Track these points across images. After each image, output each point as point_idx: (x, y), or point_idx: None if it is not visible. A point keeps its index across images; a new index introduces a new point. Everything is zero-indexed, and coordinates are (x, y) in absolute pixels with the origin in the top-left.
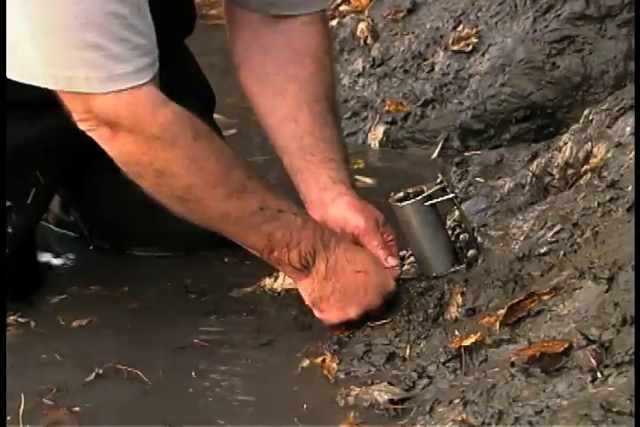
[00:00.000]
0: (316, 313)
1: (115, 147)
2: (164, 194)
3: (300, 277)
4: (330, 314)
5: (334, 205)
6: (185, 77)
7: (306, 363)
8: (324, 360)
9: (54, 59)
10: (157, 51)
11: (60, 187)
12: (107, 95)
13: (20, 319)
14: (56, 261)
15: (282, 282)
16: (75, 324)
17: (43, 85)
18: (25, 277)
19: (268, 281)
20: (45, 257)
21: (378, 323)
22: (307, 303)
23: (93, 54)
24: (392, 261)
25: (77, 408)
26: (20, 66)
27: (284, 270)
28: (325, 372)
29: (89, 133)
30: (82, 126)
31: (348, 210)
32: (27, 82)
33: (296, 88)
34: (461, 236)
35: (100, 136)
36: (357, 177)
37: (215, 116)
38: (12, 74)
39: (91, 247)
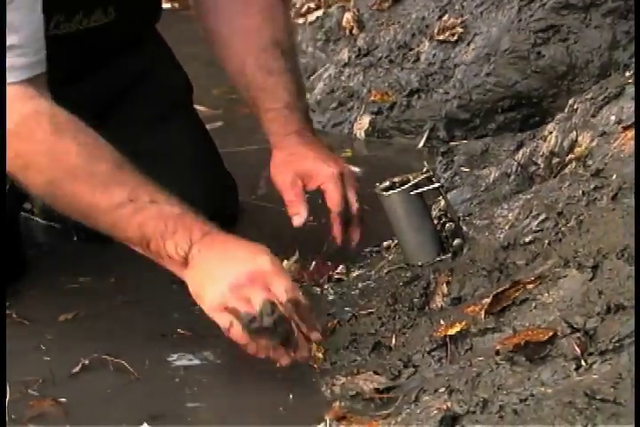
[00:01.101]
0: (201, 306)
1: None
2: (32, 187)
3: (181, 269)
4: (206, 304)
5: (282, 159)
6: (155, 65)
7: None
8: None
9: None
10: (42, 51)
11: None
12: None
13: (6, 310)
14: (41, 253)
15: None
16: (61, 318)
17: None
18: (10, 268)
19: None
20: (30, 249)
21: (363, 312)
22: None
23: None
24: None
25: (63, 399)
26: None
27: (166, 265)
28: (311, 362)
29: None
30: None
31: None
32: None
33: (241, 39)
34: (447, 225)
35: None
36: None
37: (200, 108)
38: None
39: (75, 238)
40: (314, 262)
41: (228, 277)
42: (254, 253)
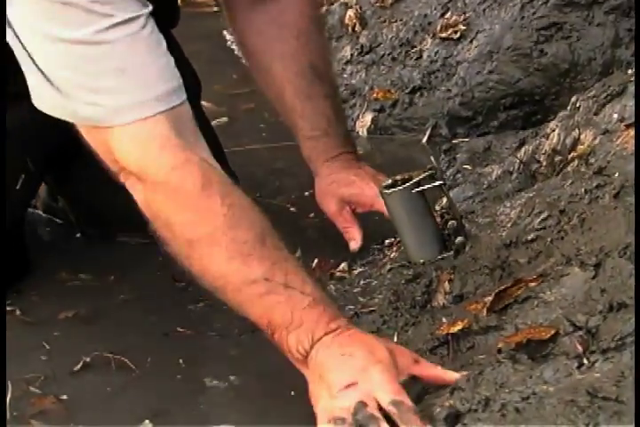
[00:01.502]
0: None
1: (134, 194)
2: (168, 242)
3: (302, 366)
4: (319, 408)
5: (325, 188)
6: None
7: None
8: None
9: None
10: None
11: (47, 173)
12: (123, 138)
13: (7, 307)
14: (42, 250)
15: None
16: (63, 315)
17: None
18: (15, 269)
19: None
20: (32, 243)
21: (365, 310)
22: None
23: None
24: None
25: (65, 396)
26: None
27: (289, 357)
28: None
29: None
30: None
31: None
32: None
33: (280, 66)
34: (449, 223)
35: (125, 183)
36: None
37: (204, 103)
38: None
39: (78, 235)
40: (316, 260)
41: (337, 386)
42: (372, 353)
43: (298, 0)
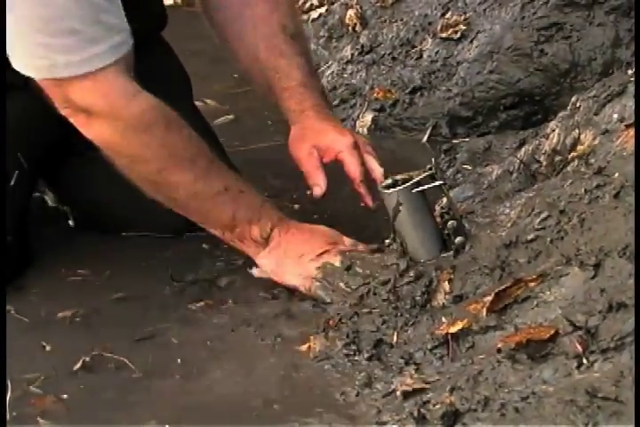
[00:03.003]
0: (277, 279)
1: (91, 132)
2: (136, 176)
3: (258, 250)
4: (287, 277)
5: (298, 134)
6: (162, 66)
7: (293, 349)
8: (309, 347)
9: (34, 50)
10: (129, 29)
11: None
12: (84, 84)
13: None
14: (42, 245)
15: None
16: (60, 314)
17: (28, 75)
18: (15, 259)
19: (255, 269)
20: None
21: (365, 310)
22: (269, 275)
23: (72, 39)
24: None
25: (65, 396)
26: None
27: (243, 246)
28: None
29: (69, 119)
30: (62, 112)
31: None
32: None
33: (251, 29)
34: (449, 223)
35: (77, 122)
36: None
37: (207, 101)
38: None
39: (71, 223)
40: None
41: (309, 255)
42: (320, 232)
43: None
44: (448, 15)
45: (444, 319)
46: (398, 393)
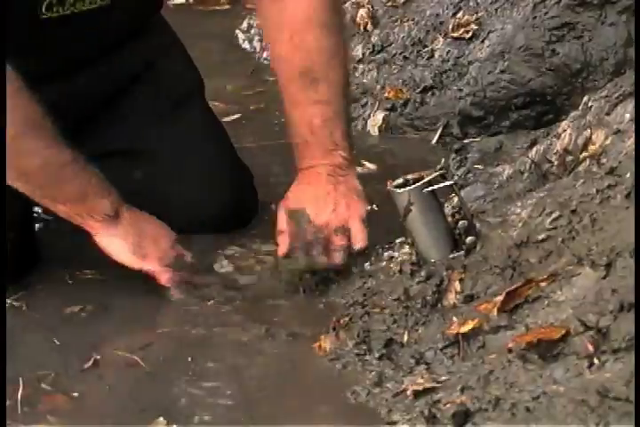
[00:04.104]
0: (133, 258)
1: None
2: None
3: (109, 226)
4: (151, 257)
5: (288, 192)
6: (160, 58)
7: (303, 348)
8: (320, 346)
9: None
10: None
11: None
12: None
13: (15, 303)
14: (49, 242)
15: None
16: (69, 311)
17: None
18: (24, 259)
19: (268, 265)
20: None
21: (376, 309)
22: (128, 254)
23: None
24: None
25: (76, 393)
26: None
27: (91, 221)
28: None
29: None
30: None
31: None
32: None
33: (277, 69)
34: (460, 222)
35: None
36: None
37: (215, 103)
38: None
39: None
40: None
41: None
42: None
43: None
44: (459, 15)
45: (454, 319)
46: (409, 393)
